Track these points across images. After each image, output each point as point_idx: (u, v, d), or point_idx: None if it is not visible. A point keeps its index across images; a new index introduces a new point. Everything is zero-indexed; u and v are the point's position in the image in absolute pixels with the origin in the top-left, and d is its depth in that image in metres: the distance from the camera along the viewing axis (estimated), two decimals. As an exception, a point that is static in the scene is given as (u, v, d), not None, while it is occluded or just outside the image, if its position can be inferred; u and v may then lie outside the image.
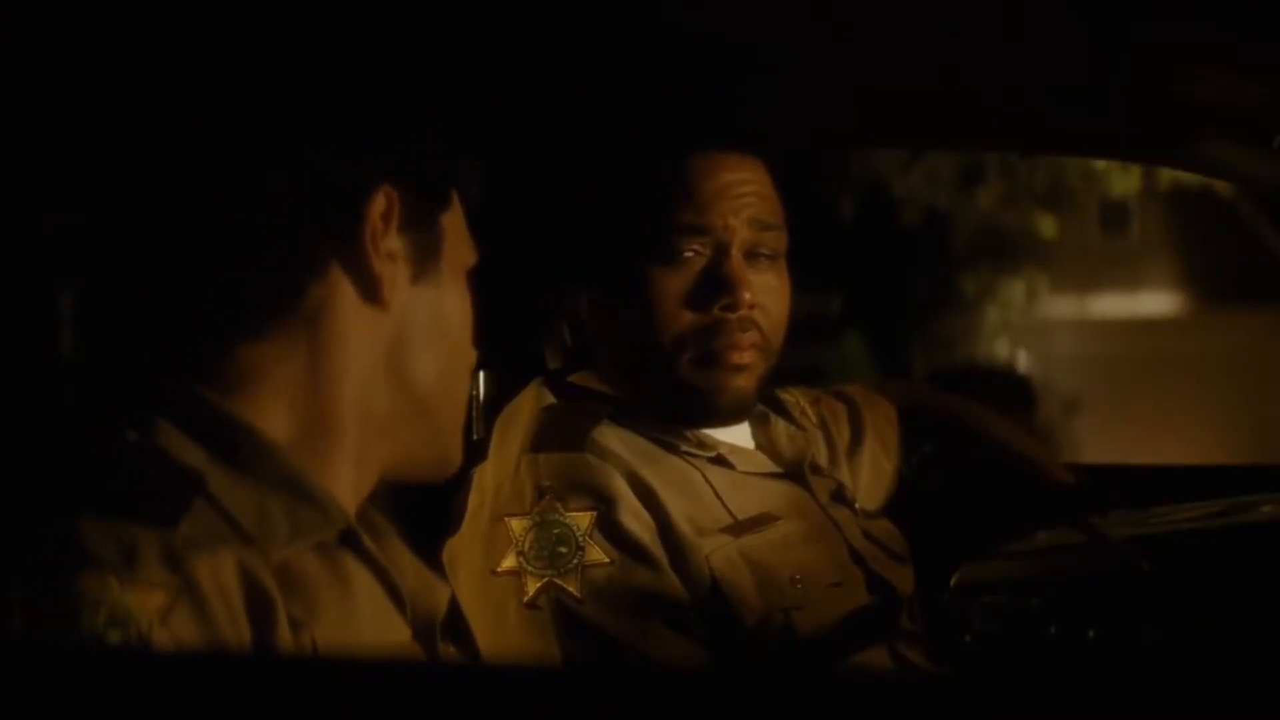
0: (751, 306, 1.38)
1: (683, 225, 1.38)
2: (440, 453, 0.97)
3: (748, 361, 1.40)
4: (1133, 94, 1.53)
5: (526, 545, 1.31)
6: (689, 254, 1.38)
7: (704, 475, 1.40)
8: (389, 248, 0.89)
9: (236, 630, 0.80)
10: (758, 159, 1.44)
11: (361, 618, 0.88)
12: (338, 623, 0.86)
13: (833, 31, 1.47)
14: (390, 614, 0.92)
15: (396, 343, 0.91)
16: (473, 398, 1.89)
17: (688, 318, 1.38)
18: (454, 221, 0.96)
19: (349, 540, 0.89)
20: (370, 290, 0.89)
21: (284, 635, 0.82)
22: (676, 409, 1.42)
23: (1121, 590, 1.65)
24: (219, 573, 0.80)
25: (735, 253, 1.39)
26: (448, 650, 0.97)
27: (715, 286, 1.38)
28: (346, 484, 0.91)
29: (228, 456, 0.85)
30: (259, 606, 0.82)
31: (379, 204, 0.88)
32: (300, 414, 0.89)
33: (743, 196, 1.40)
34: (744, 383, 1.41)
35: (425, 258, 0.92)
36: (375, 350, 0.91)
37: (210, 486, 0.84)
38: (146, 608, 0.76)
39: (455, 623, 1.01)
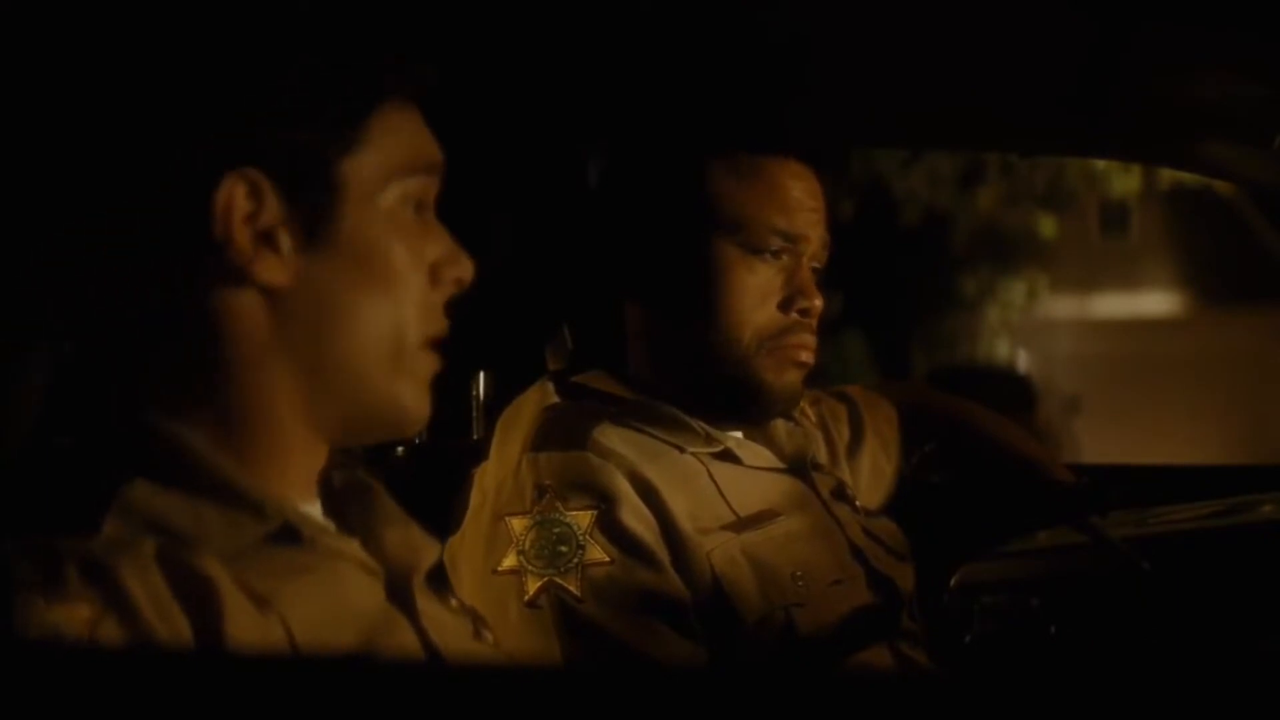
0: (817, 314, 1.45)
1: (774, 228, 1.42)
2: (389, 413, 0.92)
3: (810, 361, 1.46)
4: (1133, 94, 1.53)
5: (527, 544, 1.31)
6: (775, 257, 1.43)
7: (709, 472, 1.41)
8: (262, 226, 0.85)
9: (173, 629, 0.78)
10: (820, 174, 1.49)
11: (325, 592, 0.87)
12: (303, 599, 0.85)
13: (838, 33, 1.48)
14: (358, 582, 0.91)
15: (297, 317, 0.87)
16: (473, 398, 1.89)
17: (771, 316, 1.43)
18: (367, 168, 0.89)
19: (291, 533, 0.88)
20: (241, 274, 0.85)
21: (239, 623, 0.81)
22: (734, 402, 1.44)
23: (1121, 590, 1.65)
24: (146, 576, 0.78)
25: (807, 261, 1.45)
26: (429, 609, 0.96)
27: (797, 290, 1.43)
28: (292, 468, 0.90)
29: (153, 465, 0.84)
30: (202, 601, 0.80)
31: (234, 188, 0.84)
32: (219, 410, 0.87)
33: (816, 210, 1.46)
34: (801, 381, 1.47)
35: (316, 226, 0.87)
36: (272, 331, 0.87)
37: (134, 493, 0.82)
38: (73, 623, 0.75)
39: (444, 580, 1.01)
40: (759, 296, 1.42)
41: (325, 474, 0.96)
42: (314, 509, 0.94)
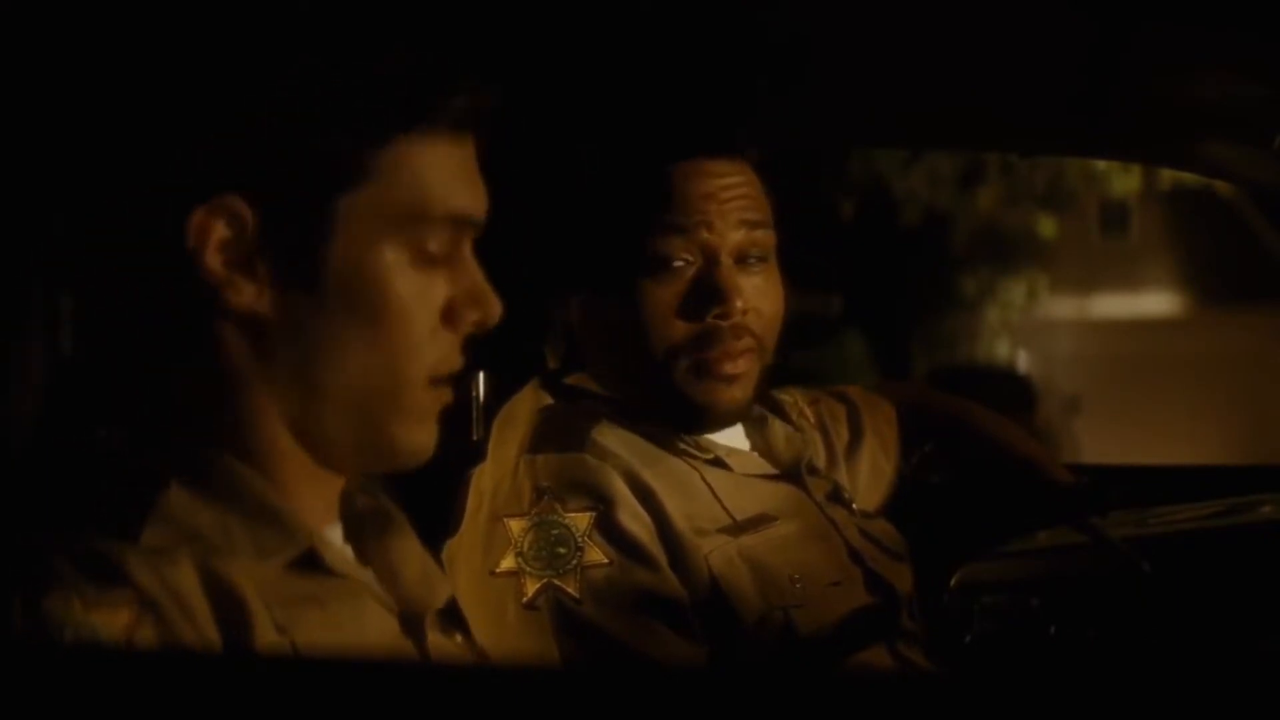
0: (744, 312, 1.38)
1: (670, 232, 1.37)
2: (385, 449, 0.90)
3: (741, 370, 1.39)
4: (1133, 94, 1.53)
5: (525, 546, 1.30)
6: (679, 262, 1.37)
7: (702, 476, 1.40)
8: (239, 253, 0.83)
9: (205, 641, 0.78)
10: (743, 161, 1.42)
11: (341, 623, 0.87)
12: (318, 628, 0.85)
13: (839, 33, 1.47)
14: (372, 615, 0.90)
15: (279, 347, 0.85)
16: (472, 398, 1.89)
17: (681, 327, 1.37)
18: (365, 208, 0.85)
19: (315, 559, 0.87)
20: (212, 298, 0.83)
21: (264, 640, 0.81)
22: (671, 416, 1.41)
23: (1121, 590, 1.65)
24: (183, 585, 0.79)
25: (725, 259, 1.38)
26: (440, 643, 0.95)
27: (707, 295, 1.37)
28: (306, 491, 0.89)
29: (189, 474, 0.84)
30: (231, 614, 0.80)
31: (208, 214, 0.82)
32: (235, 431, 0.86)
33: (729, 201, 1.39)
34: (738, 393, 1.40)
35: (299, 259, 0.84)
36: (254, 358, 0.85)
37: (171, 502, 0.82)
38: (112, 627, 0.75)
39: (453, 616, 1.00)
40: (668, 308, 1.36)
41: (348, 495, 0.95)
42: (335, 532, 0.93)
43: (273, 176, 0.83)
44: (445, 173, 0.88)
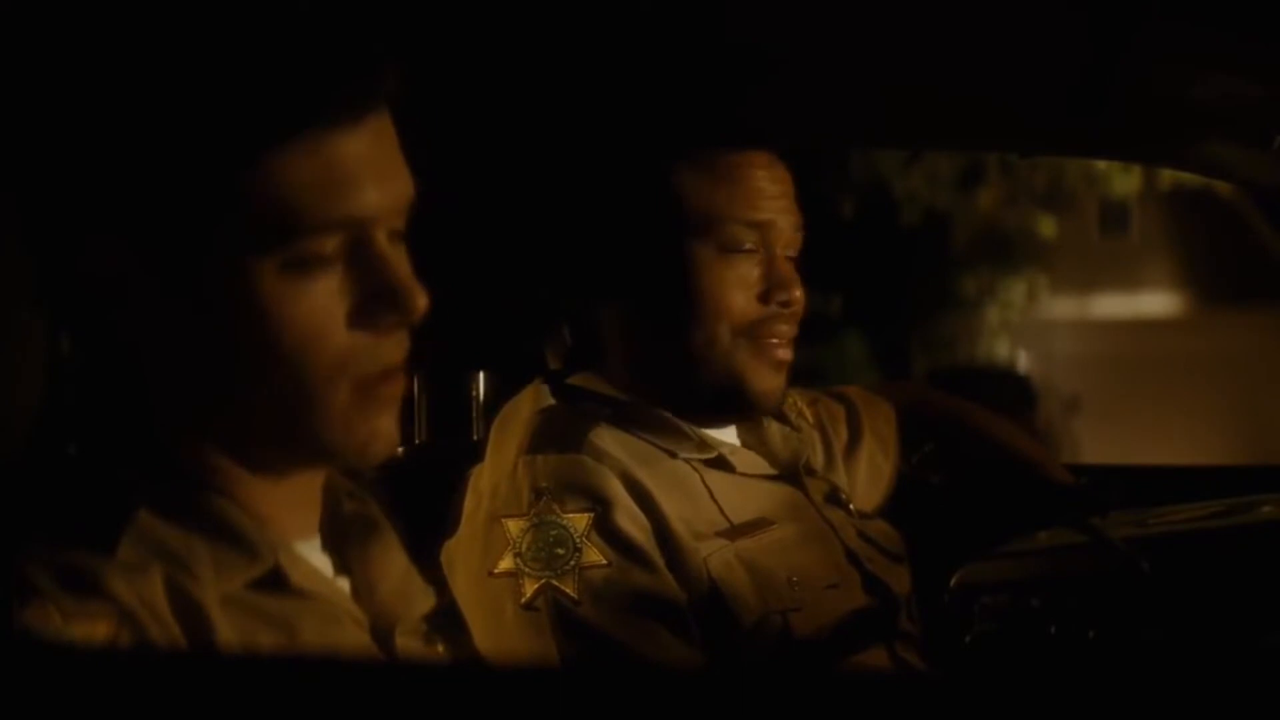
0: (800, 302, 1.44)
1: (741, 220, 1.41)
2: (323, 453, 0.88)
3: (790, 357, 1.45)
4: (1133, 95, 1.53)
5: (524, 547, 1.30)
6: (748, 249, 1.42)
7: (701, 478, 1.41)
8: (115, 290, 0.83)
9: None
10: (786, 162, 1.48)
11: (308, 644, 0.86)
12: (285, 647, 0.84)
13: (838, 32, 1.47)
14: (343, 633, 0.89)
15: (187, 372, 0.85)
16: (472, 398, 1.89)
17: (749, 308, 1.42)
18: (240, 223, 0.82)
19: (281, 580, 0.86)
20: (116, 333, 0.85)
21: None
22: (717, 402, 1.44)
23: (1121, 590, 1.65)
24: (158, 600, 0.79)
25: (781, 251, 1.44)
26: (421, 652, 0.94)
27: (775, 282, 1.42)
28: (277, 506, 0.88)
29: (154, 494, 0.83)
30: (198, 634, 0.80)
31: (84, 253, 0.83)
32: (184, 449, 0.86)
33: (783, 198, 1.45)
34: (783, 381, 1.46)
35: (179, 288, 0.83)
36: (170, 383, 0.86)
37: (142, 519, 0.82)
38: (92, 639, 0.75)
39: (438, 624, 0.99)
40: (735, 291, 1.41)
41: (334, 499, 0.94)
42: (312, 544, 0.92)
43: (138, 217, 0.82)
44: (330, 176, 0.83)
